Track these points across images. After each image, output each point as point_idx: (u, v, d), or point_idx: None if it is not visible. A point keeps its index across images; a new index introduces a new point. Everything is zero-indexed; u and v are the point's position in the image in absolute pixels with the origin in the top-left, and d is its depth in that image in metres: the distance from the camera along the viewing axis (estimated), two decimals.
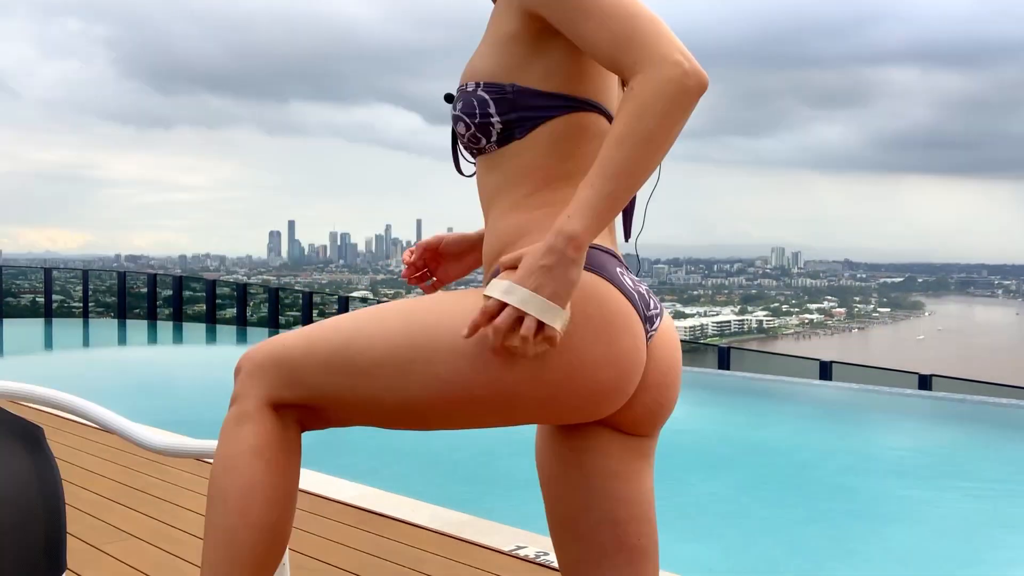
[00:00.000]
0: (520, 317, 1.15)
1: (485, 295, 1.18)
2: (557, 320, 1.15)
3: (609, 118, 1.35)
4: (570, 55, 1.30)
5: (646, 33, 1.17)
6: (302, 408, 1.32)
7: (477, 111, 1.31)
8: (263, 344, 1.35)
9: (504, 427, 1.33)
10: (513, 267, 1.19)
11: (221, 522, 1.28)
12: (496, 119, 1.31)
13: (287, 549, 2.00)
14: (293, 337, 1.34)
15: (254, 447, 1.28)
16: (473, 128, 1.32)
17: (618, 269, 1.30)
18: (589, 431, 1.37)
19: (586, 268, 1.25)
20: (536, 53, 1.30)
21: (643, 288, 1.34)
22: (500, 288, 1.16)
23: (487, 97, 1.31)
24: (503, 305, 1.16)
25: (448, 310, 1.27)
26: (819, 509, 5.29)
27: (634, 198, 1.41)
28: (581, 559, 1.39)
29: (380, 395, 1.26)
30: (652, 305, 1.34)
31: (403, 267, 1.65)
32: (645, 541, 1.38)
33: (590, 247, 1.28)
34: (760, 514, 5.13)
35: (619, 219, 1.42)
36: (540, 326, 1.15)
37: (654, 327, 1.33)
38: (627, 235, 1.42)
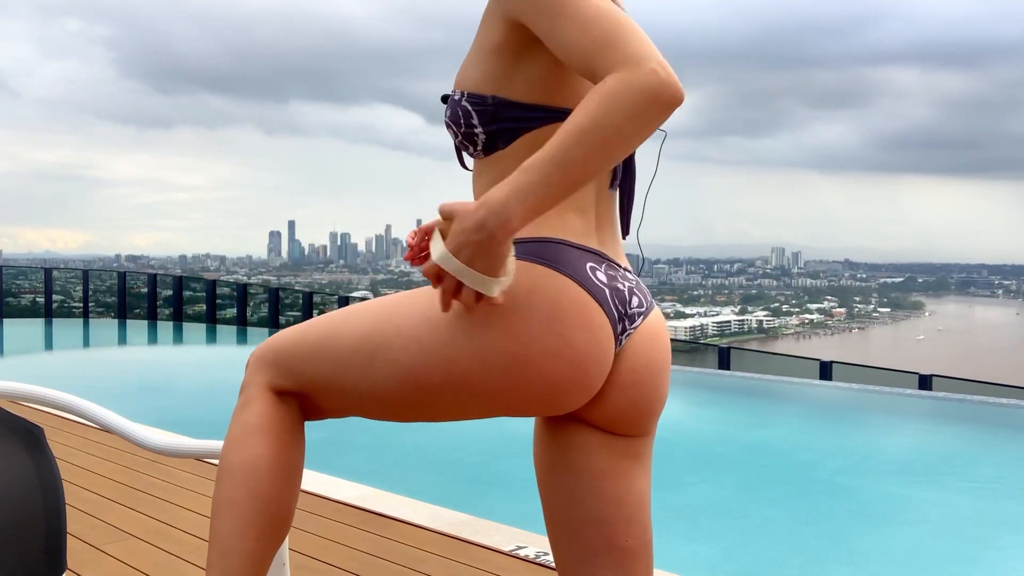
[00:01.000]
0: (459, 283, 1.18)
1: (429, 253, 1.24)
2: (493, 288, 1.18)
3: None
4: (552, 66, 1.30)
5: (626, 37, 1.14)
6: (299, 396, 1.40)
7: (462, 121, 1.33)
8: (273, 336, 1.45)
9: (474, 419, 1.35)
10: (448, 218, 1.19)
11: (227, 495, 1.36)
12: (479, 130, 1.32)
13: (287, 549, 2.00)
14: (295, 328, 1.43)
15: (257, 425, 1.37)
16: (460, 137, 1.35)
17: (589, 264, 1.29)
18: (573, 429, 1.37)
19: (539, 261, 1.26)
20: (518, 65, 1.30)
21: (624, 285, 1.32)
22: (437, 253, 1.18)
23: (470, 108, 1.32)
24: (440, 269, 1.19)
25: (417, 298, 1.32)
26: (819, 509, 5.29)
27: (632, 194, 1.42)
28: (572, 557, 1.40)
29: (356, 382, 1.33)
30: (636, 303, 1.33)
31: (409, 258, 1.68)
32: (634, 542, 1.37)
33: (553, 242, 1.29)
34: (760, 514, 5.13)
35: (616, 215, 1.42)
36: (479, 294, 1.19)
37: (633, 325, 1.32)
38: (625, 232, 1.42)
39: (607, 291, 1.29)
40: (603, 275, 1.30)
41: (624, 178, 1.40)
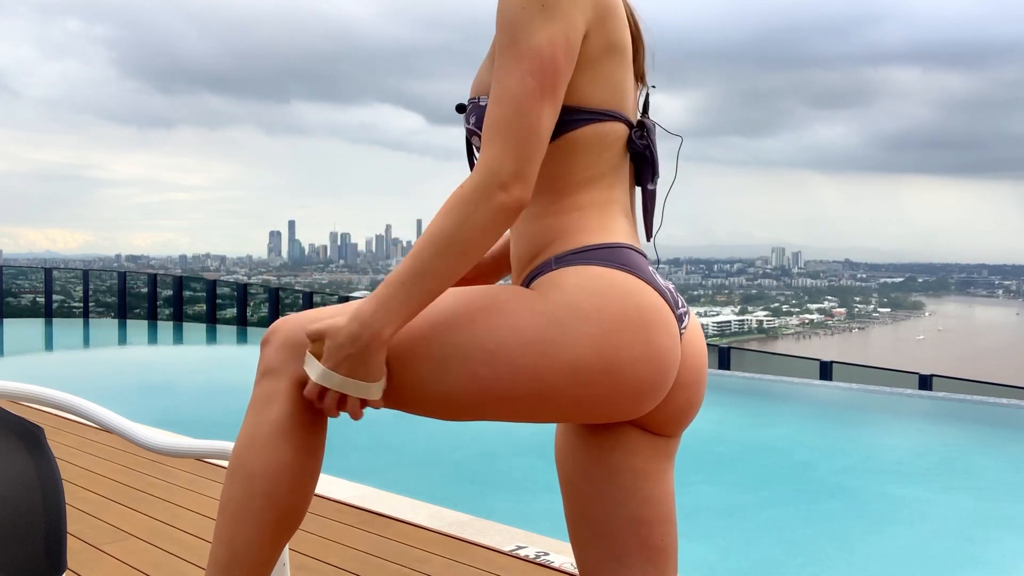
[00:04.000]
0: (343, 395, 1.23)
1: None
2: (376, 392, 1.24)
3: (627, 123, 1.35)
4: (585, 68, 1.29)
5: (498, 134, 1.20)
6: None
7: None
8: (297, 318, 1.34)
9: (538, 423, 1.33)
10: (318, 339, 1.24)
11: (245, 501, 1.29)
12: None
13: (287, 549, 2.00)
14: (329, 313, 1.33)
15: (284, 429, 1.29)
16: None
17: (650, 268, 1.32)
18: (617, 430, 1.37)
19: (624, 268, 1.27)
20: None
21: (671, 286, 1.35)
22: (316, 373, 1.24)
23: None
24: (323, 388, 1.24)
25: (491, 307, 1.26)
26: (819, 509, 5.29)
27: (655, 197, 1.42)
28: (602, 558, 1.39)
29: (417, 386, 1.27)
30: (680, 304, 1.35)
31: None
32: (667, 541, 1.38)
33: (624, 247, 1.30)
34: (760, 514, 5.13)
35: (640, 216, 1.43)
36: (363, 401, 1.24)
37: (683, 325, 1.34)
38: (648, 235, 1.42)
39: (667, 294, 1.31)
40: (659, 277, 1.33)
41: (645, 178, 1.40)
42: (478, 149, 1.36)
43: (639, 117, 1.41)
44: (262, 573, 1.33)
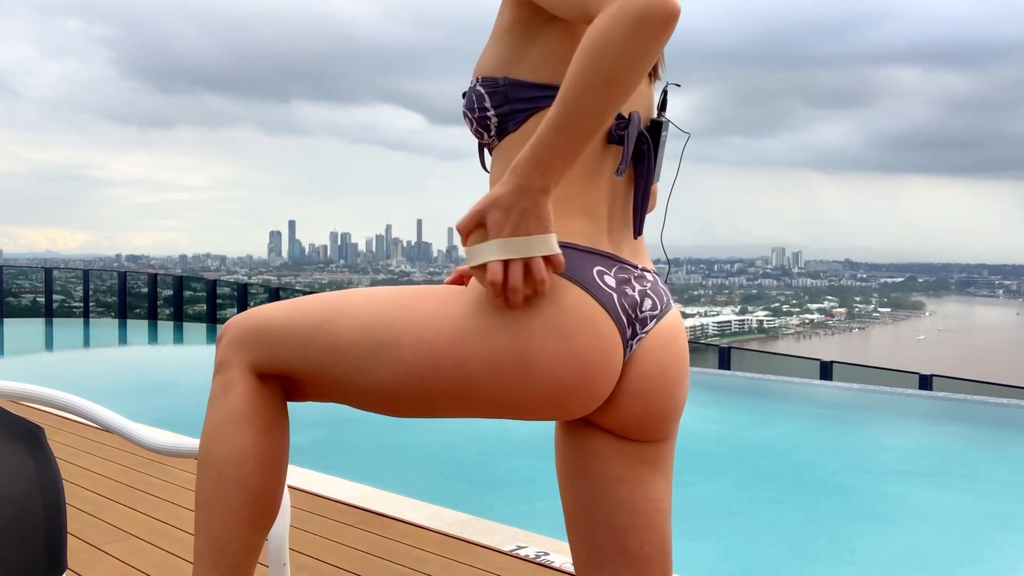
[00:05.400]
0: (526, 264, 1.16)
1: (474, 267, 1.18)
2: (554, 243, 1.17)
3: None
4: (559, 44, 1.28)
5: None
6: (283, 379, 1.35)
7: (476, 106, 1.32)
8: (248, 313, 1.38)
9: (473, 419, 1.33)
10: (474, 225, 1.17)
11: (215, 489, 1.32)
12: (491, 112, 1.31)
13: (287, 549, 2.00)
14: (278, 308, 1.37)
15: (242, 414, 1.32)
16: (475, 123, 1.33)
17: (596, 268, 1.26)
18: (587, 434, 1.36)
19: None
20: (527, 45, 1.29)
21: (635, 288, 1.28)
22: (493, 250, 1.15)
23: (483, 91, 1.31)
24: (505, 264, 1.16)
25: (425, 298, 1.29)
26: (819, 509, 5.29)
27: (647, 192, 1.35)
28: (587, 561, 1.39)
29: (352, 375, 1.29)
30: (649, 306, 1.29)
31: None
32: (649, 550, 1.35)
33: (560, 246, 1.25)
34: (760, 514, 5.13)
35: (629, 214, 1.36)
36: (546, 260, 1.17)
37: (644, 329, 1.28)
38: (637, 231, 1.35)
39: (614, 296, 1.25)
40: (612, 279, 1.26)
41: (638, 175, 1.33)
42: (479, 149, 1.37)
43: (654, 115, 1.36)
44: (246, 561, 1.33)
